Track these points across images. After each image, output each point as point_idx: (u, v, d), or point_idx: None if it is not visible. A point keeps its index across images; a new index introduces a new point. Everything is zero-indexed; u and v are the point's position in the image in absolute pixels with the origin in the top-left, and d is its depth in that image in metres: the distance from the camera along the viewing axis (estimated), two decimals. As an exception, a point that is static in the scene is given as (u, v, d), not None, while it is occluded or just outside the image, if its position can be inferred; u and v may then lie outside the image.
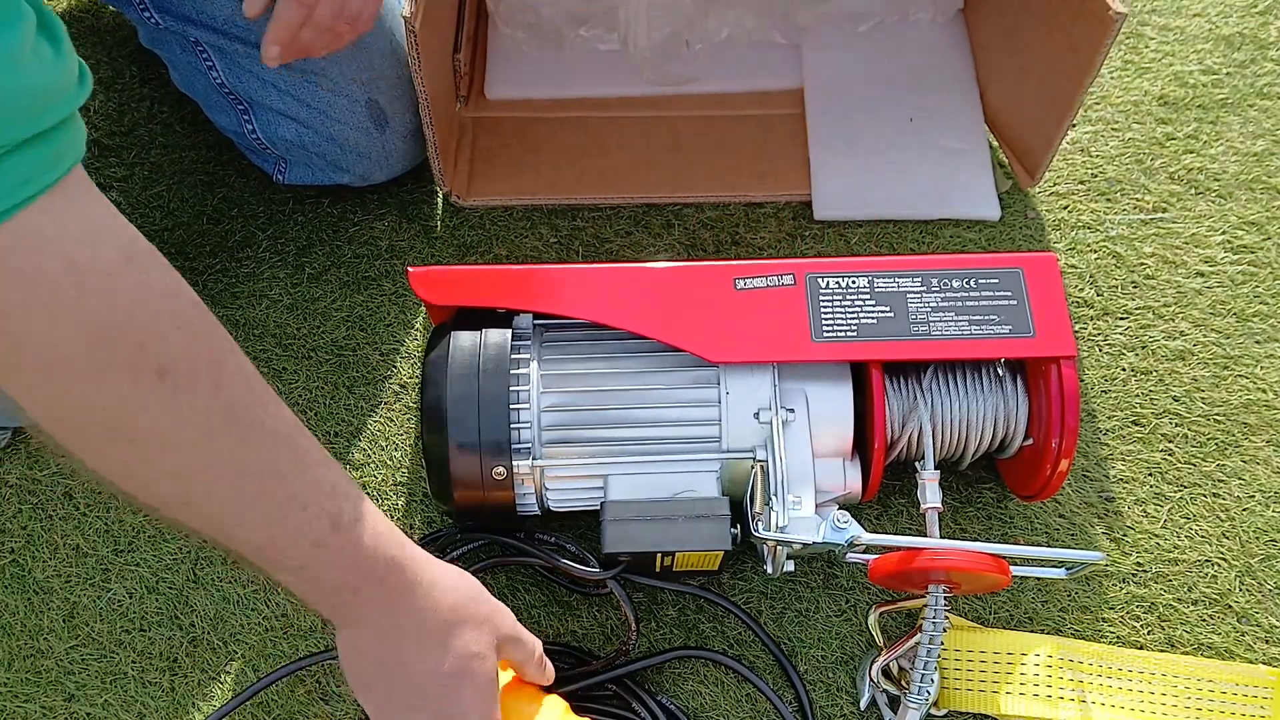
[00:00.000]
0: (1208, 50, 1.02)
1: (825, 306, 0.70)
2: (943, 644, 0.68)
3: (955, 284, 0.71)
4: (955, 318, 0.70)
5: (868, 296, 0.70)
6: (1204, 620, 0.75)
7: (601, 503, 0.68)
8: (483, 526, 0.76)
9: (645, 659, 0.73)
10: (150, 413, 0.44)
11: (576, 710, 0.68)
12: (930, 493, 0.69)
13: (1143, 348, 0.87)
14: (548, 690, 0.67)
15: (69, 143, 0.42)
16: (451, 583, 0.58)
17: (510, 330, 0.71)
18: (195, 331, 0.46)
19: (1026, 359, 0.72)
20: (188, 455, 0.46)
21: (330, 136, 0.86)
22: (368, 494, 0.80)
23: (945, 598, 0.67)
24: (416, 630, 0.56)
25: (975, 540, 0.68)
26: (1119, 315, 0.88)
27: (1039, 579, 0.74)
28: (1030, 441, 0.73)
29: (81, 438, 0.45)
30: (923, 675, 0.67)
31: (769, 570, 0.69)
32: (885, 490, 0.79)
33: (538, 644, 0.64)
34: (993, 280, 0.71)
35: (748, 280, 0.71)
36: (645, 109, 0.99)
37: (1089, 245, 0.92)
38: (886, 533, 0.76)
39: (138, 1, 0.83)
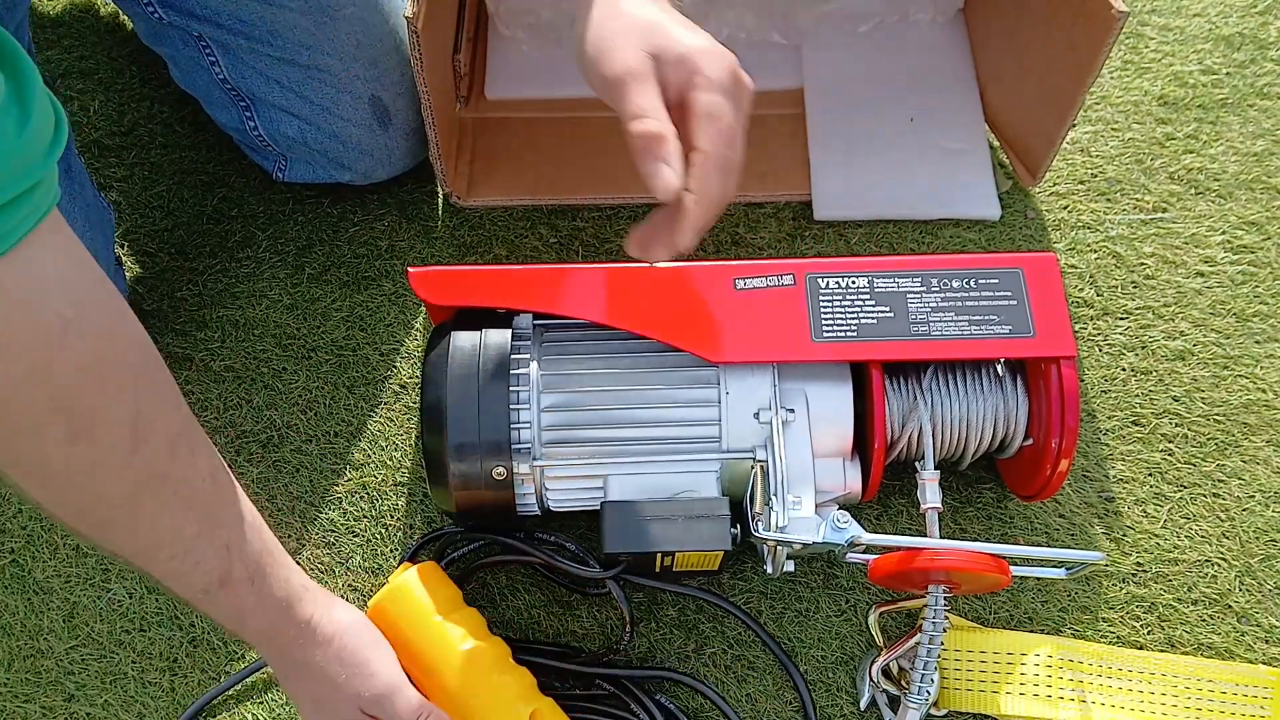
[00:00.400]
0: (1208, 50, 1.02)
1: (825, 306, 0.70)
2: (943, 644, 0.68)
3: (955, 284, 0.71)
4: (955, 318, 0.70)
5: (868, 296, 0.70)
6: (1204, 620, 0.75)
7: (601, 503, 0.68)
8: (483, 526, 0.76)
9: (632, 669, 0.73)
10: (58, 467, 0.47)
11: (569, 710, 0.68)
12: (930, 493, 0.69)
13: (1143, 348, 0.87)
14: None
15: (30, 209, 0.42)
16: (340, 660, 0.63)
17: (510, 330, 0.71)
18: (120, 397, 0.48)
19: (1026, 359, 0.72)
20: (94, 502, 0.50)
21: (333, 133, 0.86)
22: (367, 494, 0.80)
23: (945, 598, 0.67)
24: (309, 683, 0.64)
25: (975, 540, 0.68)
26: (1119, 315, 0.88)
27: (1039, 579, 0.74)
28: (1030, 441, 0.73)
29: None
30: (923, 675, 0.67)
31: (769, 570, 0.69)
32: (885, 490, 0.79)
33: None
34: (993, 280, 0.71)
35: (747, 280, 0.71)
36: (645, 109, 0.99)
37: (1089, 245, 0.92)
38: (886, 533, 0.76)
39: None
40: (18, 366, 0.43)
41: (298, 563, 0.77)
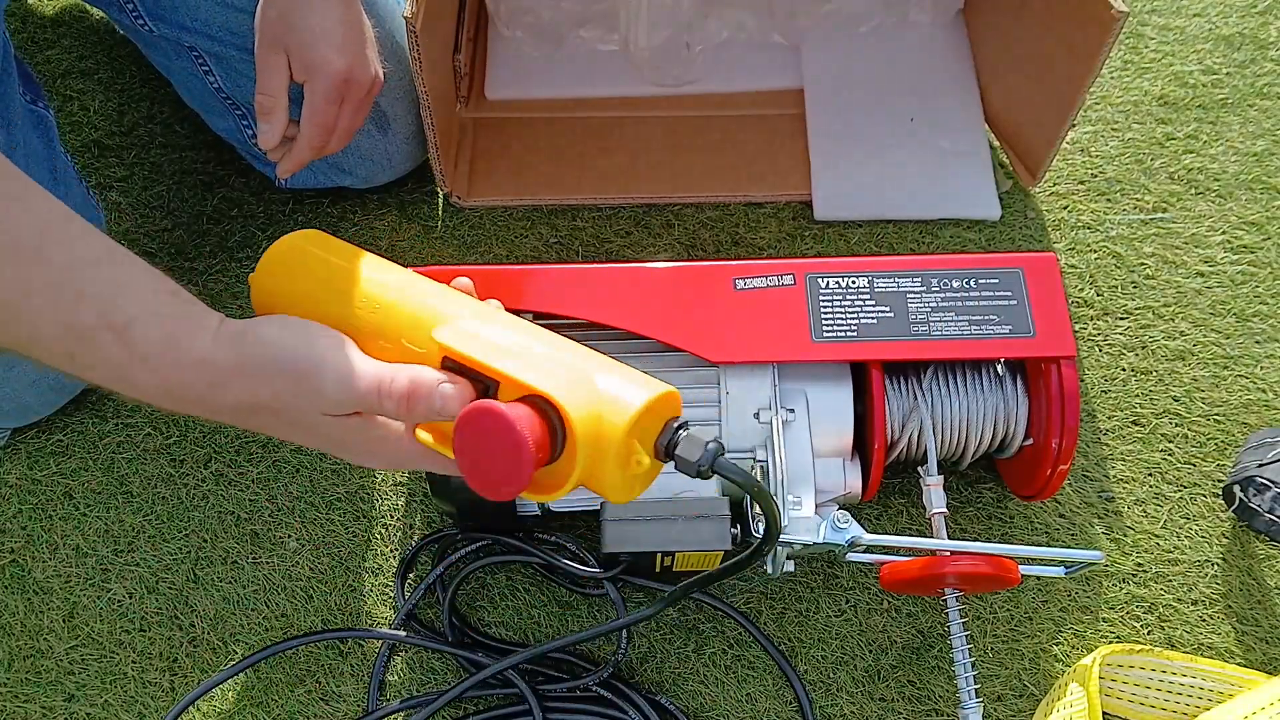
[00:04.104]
0: (1208, 50, 1.02)
1: (825, 306, 0.70)
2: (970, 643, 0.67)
3: (955, 284, 0.71)
4: (955, 318, 0.70)
5: (868, 296, 0.70)
6: (1204, 620, 0.75)
7: (601, 503, 0.68)
8: (483, 526, 0.76)
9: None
10: None
11: (569, 711, 0.68)
12: (936, 498, 0.69)
13: (1143, 348, 0.87)
14: None
15: None
16: (262, 378, 0.51)
17: (510, 330, 0.71)
18: None
19: (1026, 359, 0.72)
20: None
21: None
22: (367, 494, 0.80)
23: (957, 599, 0.67)
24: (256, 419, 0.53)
25: (975, 540, 0.68)
26: (1119, 315, 0.88)
27: (1039, 578, 0.74)
28: (1030, 442, 0.73)
29: None
30: (966, 681, 0.66)
31: (769, 570, 0.69)
32: (885, 490, 0.79)
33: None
34: (993, 280, 0.71)
35: (748, 280, 0.71)
36: (645, 109, 0.99)
37: (1089, 245, 0.92)
38: (886, 533, 0.76)
39: (131, 9, 0.83)
40: None
41: (297, 563, 0.78)
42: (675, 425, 0.48)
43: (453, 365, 0.50)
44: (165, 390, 0.50)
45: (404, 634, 0.73)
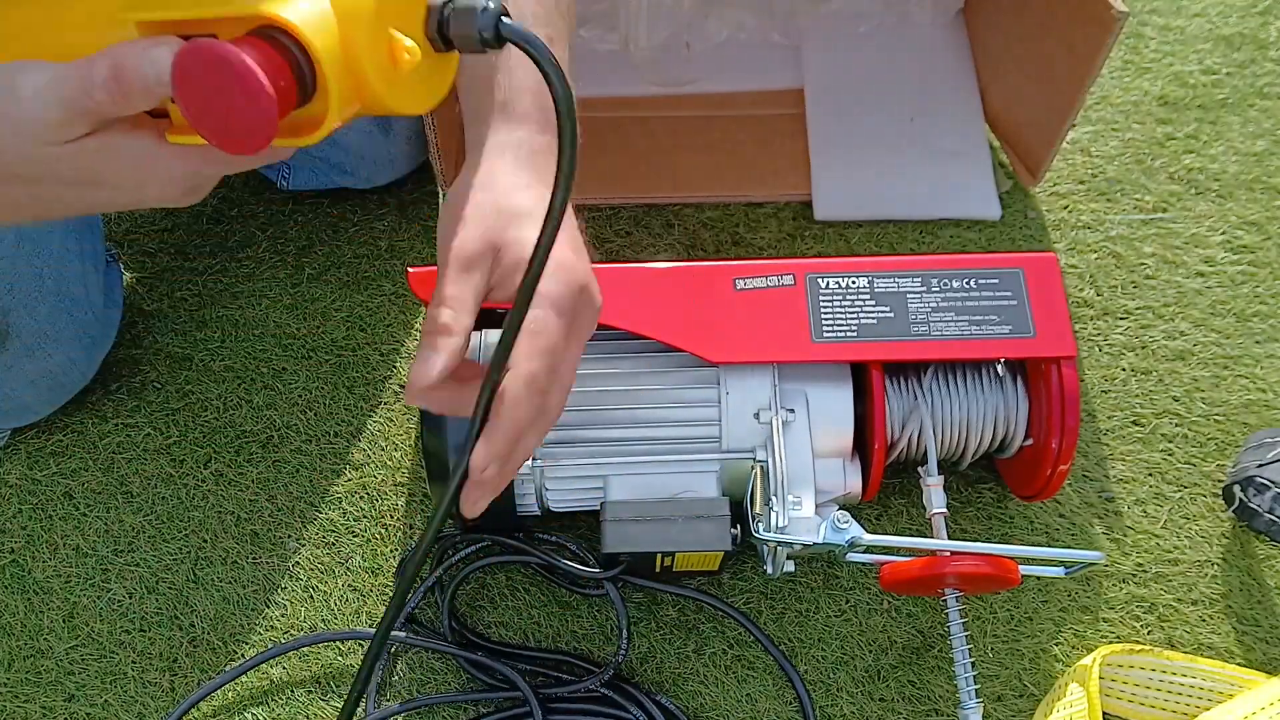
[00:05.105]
0: (1208, 50, 1.02)
1: (825, 307, 0.70)
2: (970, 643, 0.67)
3: (955, 284, 0.71)
4: (955, 318, 0.70)
5: (868, 297, 0.70)
6: (1204, 620, 0.75)
7: (601, 503, 0.68)
8: (482, 525, 0.76)
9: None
10: None
11: (569, 710, 0.68)
12: (936, 498, 0.69)
13: (1143, 348, 0.87)
14: None
15: None
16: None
17: (510, 330, 0.71)
18: None
19: (1026, 359, 0.72)
20: None
21: (334, 142, 0.86)
22: (367, 494, 0.80)
23: (957, 599, 0.67)
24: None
25: (975, 540, 0.68)
26: (1119, 315, 0.88)
27: (1039, 579, 0.74)
28: (1030, 442, 0.73)
29: None
30: (966, 682, 0.66)
31: (769, 571, 0.69)
32: (885, 490, 0.79)
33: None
34: (993, 280, 0.71)
35: (748, 280, 0.71)
36: (645, 109, 0.99)
37: (1089, 245, 0.92)
38: (887, 533, 0.76)
39: None
40: None
41: (297, 563, 0.78)
42: (440, 5, 0.41)
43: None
44: None
45: (404, 634, 0.73)
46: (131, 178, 0.45)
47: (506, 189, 0.54)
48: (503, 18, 0.41)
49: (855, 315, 0.70)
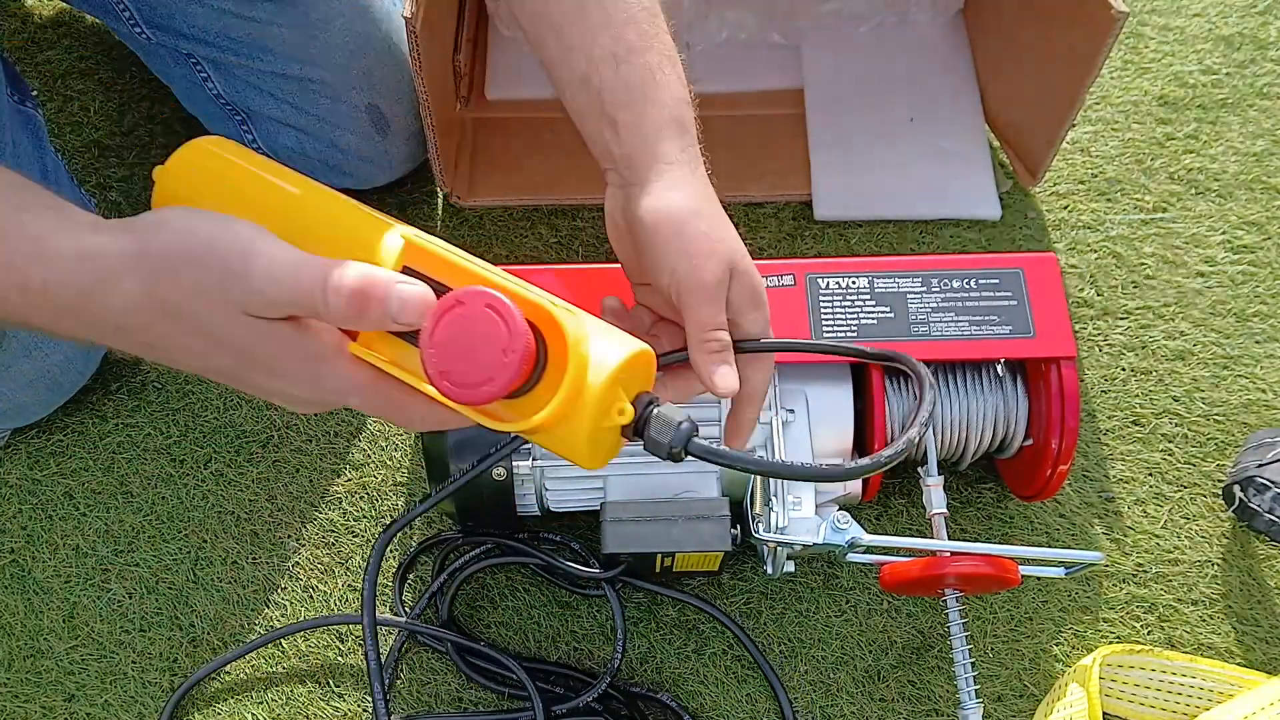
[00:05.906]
0: (1208, 50, 1.02)
1: (825, 307, 0.70)
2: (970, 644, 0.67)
3: (955, 284, 0.71)
4: (955, 318, 0.70)
5: (868, 297, 0.70)
6: (1204, 620, 0.75)
7: (601, 503, 0.68)
8: (482, 526, 0.76)
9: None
10: None
11: (569, 711, 0.68)
12: (936, 498, 0.69)
13: (1143, 348, 0.87)
14: None
15: None
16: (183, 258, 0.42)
17: (510, 330, 0.71)
18: None
19: (1026, 359, 0.72)
20: None
21: (332, 143, 0.86)
22: (367, 494, 0.80)
23: (957, 599, 0.67)
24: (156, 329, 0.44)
25: (975, 540, 0.68)
26: (1119, 315, 0.88)
27: (1039, 579, 0.74)
28: (1030, 442, 0.73)
29: None
30: (966, 683, 0.66)
31: (769, 571, 0.69)
32: (885, 490, 0.79)
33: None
34: (993, 280, 0.71)
35: (748, 280, 0.70)
36: (645, 109, 0.99)
37: (1089, 245, 0.92)
38: (887, 533, 0.76)
39: (128, 18, 0.83)
40: None
41: (297, 563, 0.78)
42: (646, 401, 0.44)
43: (412, 273, 0.43)
44: (23, 292, 0.41)
45: (403, 619, 0.73)
46: (293, 373, 0.44)
47: (714, 216, 0.57)
48: (694, 438, 0.44)
49: (855, 315, 0.70)
